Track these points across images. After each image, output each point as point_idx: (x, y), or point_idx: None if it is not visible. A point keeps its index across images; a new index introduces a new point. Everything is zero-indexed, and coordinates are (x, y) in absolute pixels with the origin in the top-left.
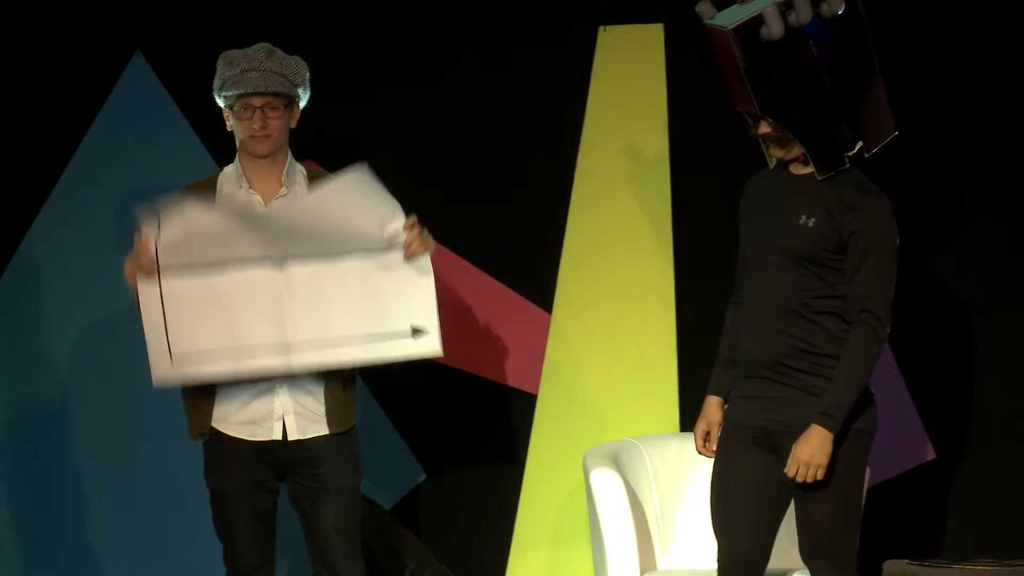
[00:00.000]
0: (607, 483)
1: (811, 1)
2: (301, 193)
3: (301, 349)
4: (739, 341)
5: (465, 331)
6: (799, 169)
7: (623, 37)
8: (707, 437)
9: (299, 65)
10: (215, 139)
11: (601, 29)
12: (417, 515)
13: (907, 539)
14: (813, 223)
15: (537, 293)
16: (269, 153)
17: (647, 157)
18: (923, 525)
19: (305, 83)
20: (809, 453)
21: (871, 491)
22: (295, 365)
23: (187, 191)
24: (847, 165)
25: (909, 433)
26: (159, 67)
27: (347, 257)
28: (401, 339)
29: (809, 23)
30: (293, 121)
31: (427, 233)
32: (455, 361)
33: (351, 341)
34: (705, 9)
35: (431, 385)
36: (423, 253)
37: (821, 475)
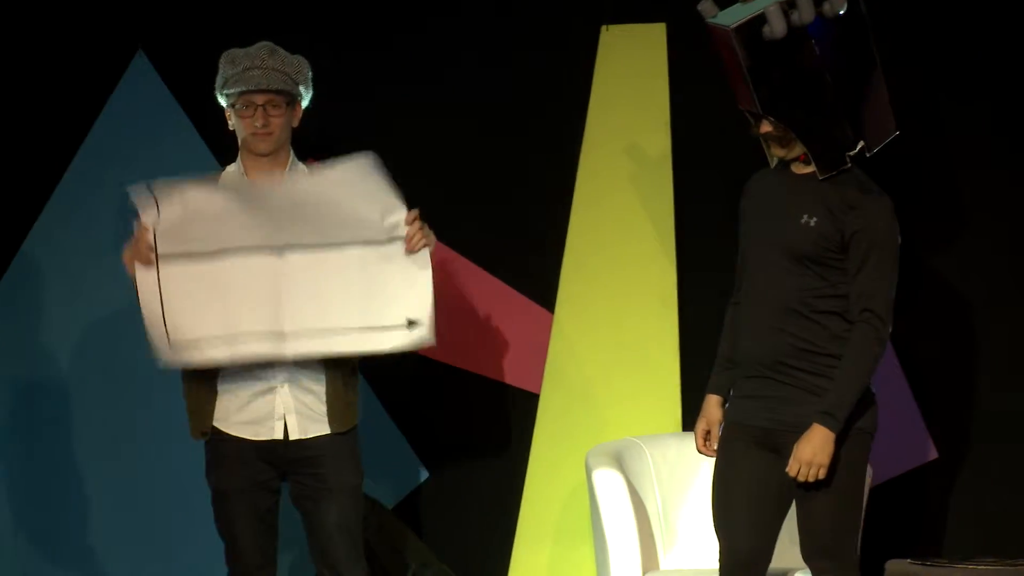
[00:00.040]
0: (609, 482)
1: (813, 0)
2: (303, 173)
3: (296, 338)
4: (739, 341)
5: (467, 330)
6: (800, 168)
7: (625, 37)
8: (707, 436)
9: (301, 64)
10: (217, 138)
11: (603, 29)
12: (419, 514)
13: (909, 538)
14: (815, 222)
15: (539, 292)
16: (271, 151)
17: (649, 157)
18: (925, 524)
19: (307, 82)
20: (811, 453)
21: (873, 491)
22: (289, 353)
23: None
24: (849, 165)
25: (911, 433)
26: (161, 67)
27: (345, 247)
28: (396, 331)
29: (811, 22)
30: (295, 120)
31: (428, 228)
32: (457, 360)
33: (346, 331)
34: (707, 8)
35: (433, 384)
36: (424, 247)
37: (823, 475)
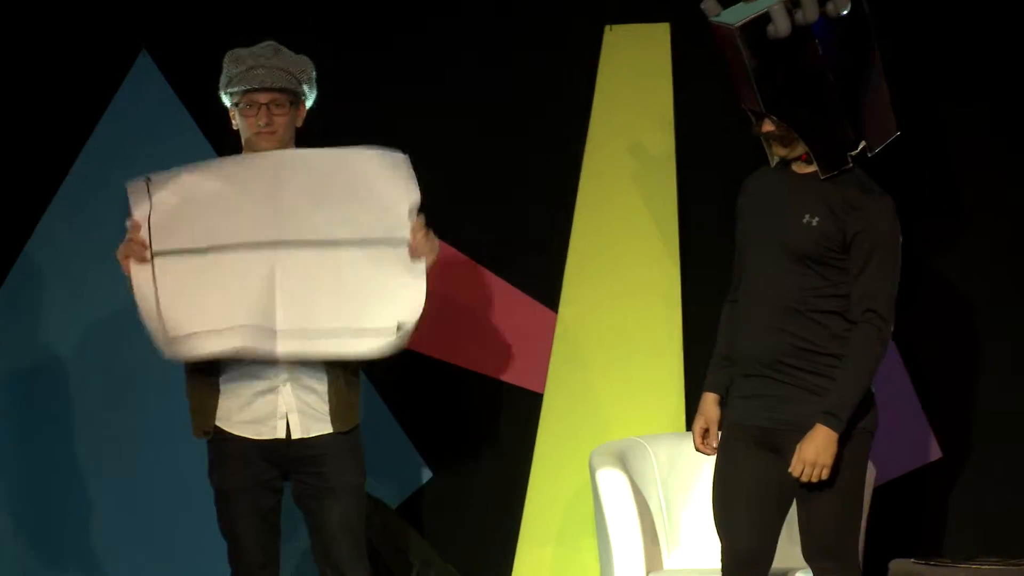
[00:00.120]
0: (613, 482)
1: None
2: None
3: (287, 336)
4: (738, 340)
5: (471, 330)
6: (801, 168)
7: (629, 36)
8: (706, 434)
9: (305, 63)
10: (221, 138)
11: (607, 28)
12: (423, 514)
13: (913, 538)
14: (816, 222)
15: (543, 292)
16: (274, 150)
17: (653, 156)
18: (929, 524)
19: (311, 82)
20: (814, 453)
21: (877, 490)
22: (280, 353)
23: None
24: (850, 165)
25: (915, 432)
26: (165, 67)
27: (343, 246)
28: (385, 335)
29: (815, 22)
30: (299, 120)
31: (432, 234)
32: (461, 360)
33: (337, 332)
34: (710, 7)
35: (437, 384)
36: (428, 254)
37: (826, 475)
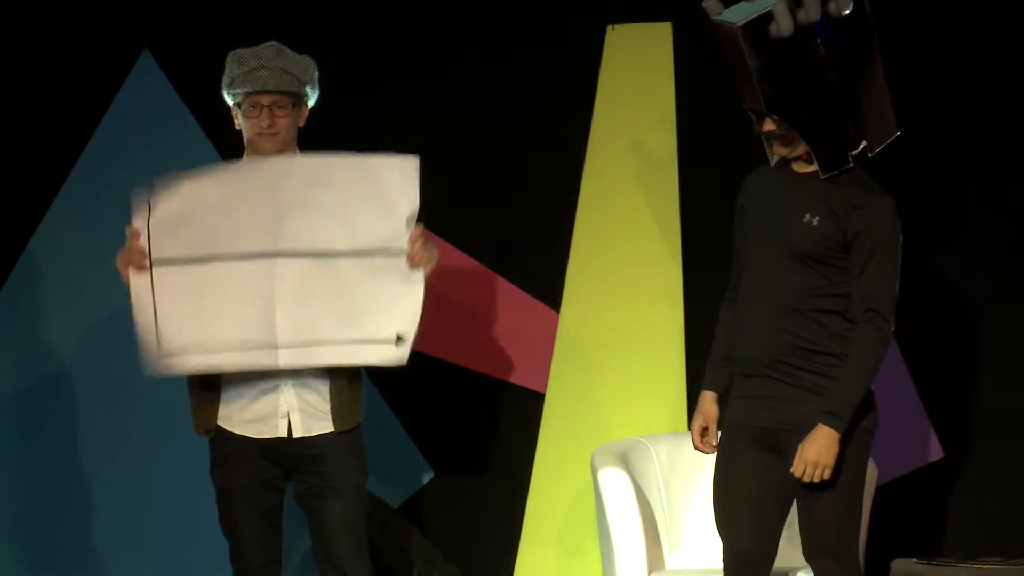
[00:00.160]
0: (615, 482)
1: None
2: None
3: (288, 347)
4: (738, 339)
5: (473, 330)
6: (802, 167)
7: (631, 36)
8: (704, 433)
9: (308, 64)
10: (223, 138)
11: (609, 28)
12: (425, 514)
13: (915, 538)
14: (817, 221)
15: (545, 292)
16: (276, 151)
17: (655, 156)
18: (931, 524)
19: (314, 82)
20: (816, 453)
21: (879, 490)
22: (281, 363)
23: None
24: (851, 164)
25: (916, 432)
26: (167, 66)
27: (342, 256)
28: (384, 345)
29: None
30: (301, 120)
31: (431, 244)
32: (463, 359)
33: (337, 343)
34: (712, 5)
35: (439, 383)
36: (426, 264)
37: (828, 475)
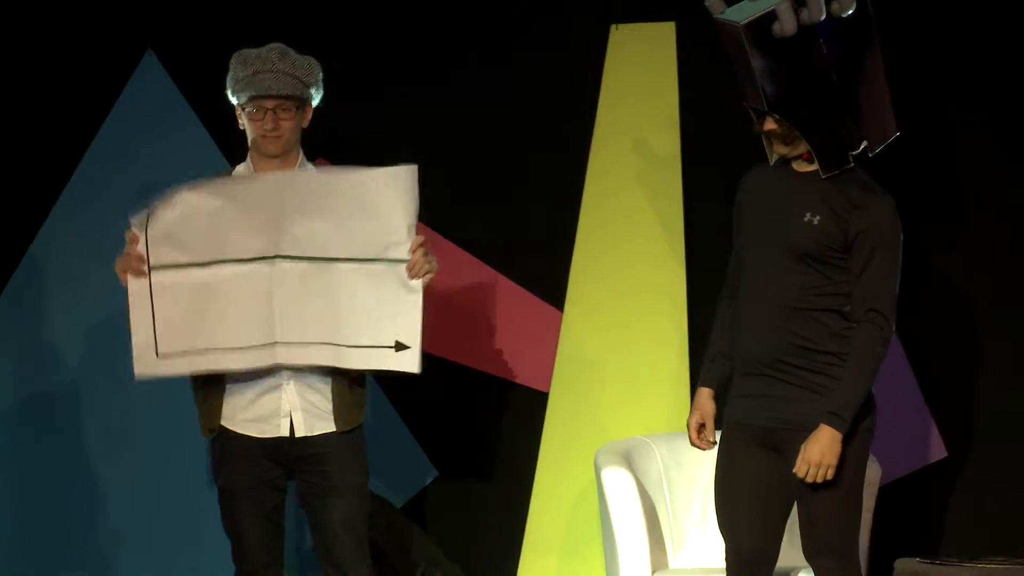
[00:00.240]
0: (619, 481)
1: None
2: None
3: (285, 350)
4: (738, 338)
5: (477, 329)
6: (802, 166)
7: (635, 35)
8: (701, 429)
9: (312, 66)
10: (227, 138)
11: (613, 27)
12: (428, 513)
13: (918, 537)
14: (818, 221)
15: (549, 291)
16: (280, 153)
17: (659, 156)
18: (934, 523)
19: (318, 83)
20: (819, 453)
21: (882, 489)
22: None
23: None
24: (851, 164)
25: (920, 431)
26: (171, 66)
27: (342, 263)
28: (383, 351)
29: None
30: (305, 121)
31: (432, 255)
32: (467, 359)
33: (335, 347)
34: (714, 4)
35: (443, 383)
36: (426, 274)
37: (831, 475)
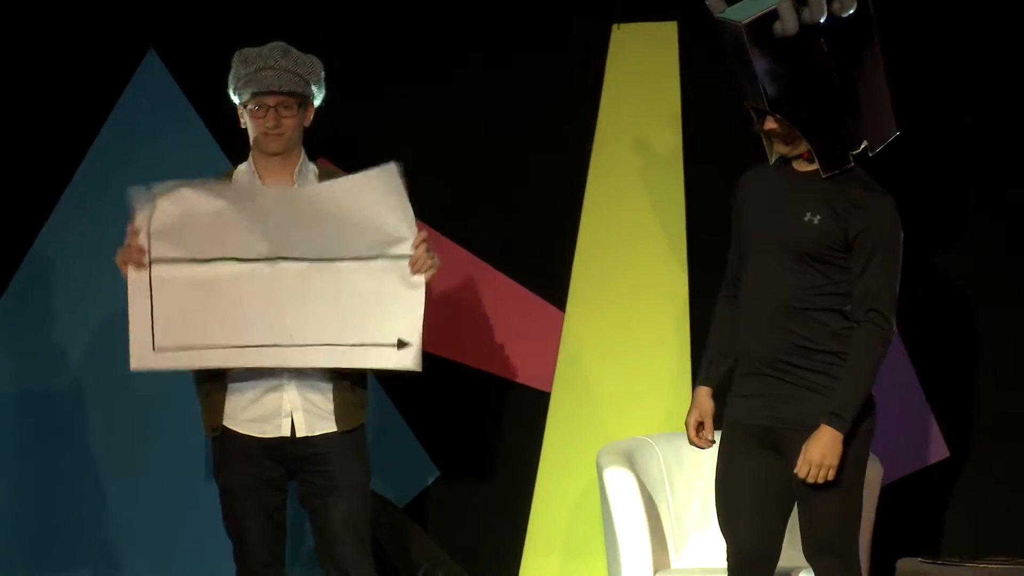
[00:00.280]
0: (621, 481)
1: None
2: (314, 181)
3: (286, 347)
4: (738, 338)
5: (479, 329)
6: (802, 166)
7: (637, 35)
8: (700, 427)
9: (314, 64)
10: (229, 137)
11: (615, 27)
12: (430, 513)
13: (920, 537)
14: (819, 220)
15: (551, 291)
16: (282, 151)
17: (661, 155)
18: (936, 523)
19: (320, 82)
20: (820, 454)
21: (885, 489)
22: (278, 362)
23: None
24: (852, 164)
25: (922, 431)
26: (173, 66)
27: (342, 262)
28: (384, 350)
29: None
30: (307, 120)
31: (433, 251)
32: (469, 358)
33: (336, 347)
34: (714, 3)
35: (444, 383)
36: (428, 270)
37: (832, 476)
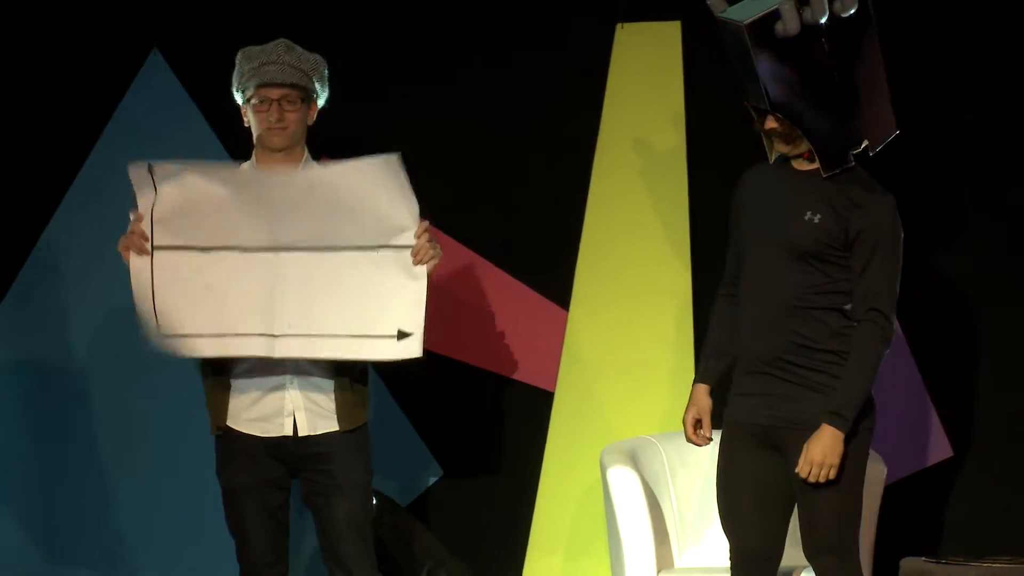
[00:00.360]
0: (624, 480)
1: None
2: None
3: (286, 340)
4: (737, 337)
5: (482, 328)
6: (803, 165)
7: (640, 34)
8: (698, 425)
9: (318, 61)
10: (232, 136)
11: (618, 27)
12: (433, 512)
13: (924, 536)
14: (819, 219)
15: (554, 290)
16: (286, 147)
17: (664, 155)
18: (940, 522)
19: (324, 80)
20: (822, 454)
21: (888, 488)
22: (277, 354)
23: None
24: (852, 163)
25: (925, 430)
26: (176, 65)
27: (344, 252)
28: (386, 340)
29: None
30: (311, 118)
31: (435, 241)
32: (472, 358)
33: (336, 338)
34: (715, 3)
35: (448, 382)
36: (430, 260)
37: (833, 475)
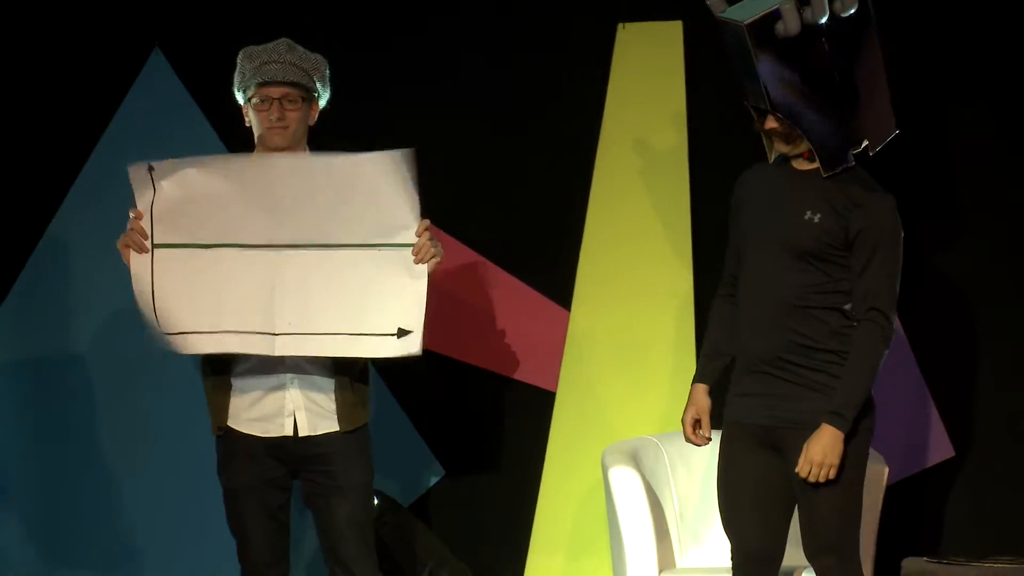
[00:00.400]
0: (626, 480)
1: None
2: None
3: (286, 338)
4: (737, 336)
5: (484, 328)
6: (802, 164)
7: (642, 34)
8: (697, 425)
9: (319, 61)
10: (234, 136)
11: (620, 26)
12: (435, 512)
13: (926, 536)
14: (819, 219)
15: (556, 290)
16: (286, 146)
17: (666, 155)
18: (942, 523)
19: (325, 80)
20: (822, 453)
21: (889, 488)
22: (277, 351)
23: None
24: (852, 163)
25: (927, 430)
26: (178, 65)
27: (345, 249)
28: (386, 338)
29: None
30: (312, 117)
31: (436, 239)
32: (473, 358)
33: (336, 336)
34: (715, 3)
35: (449, 382)
36: (431, 259)
37: (833, 475)
